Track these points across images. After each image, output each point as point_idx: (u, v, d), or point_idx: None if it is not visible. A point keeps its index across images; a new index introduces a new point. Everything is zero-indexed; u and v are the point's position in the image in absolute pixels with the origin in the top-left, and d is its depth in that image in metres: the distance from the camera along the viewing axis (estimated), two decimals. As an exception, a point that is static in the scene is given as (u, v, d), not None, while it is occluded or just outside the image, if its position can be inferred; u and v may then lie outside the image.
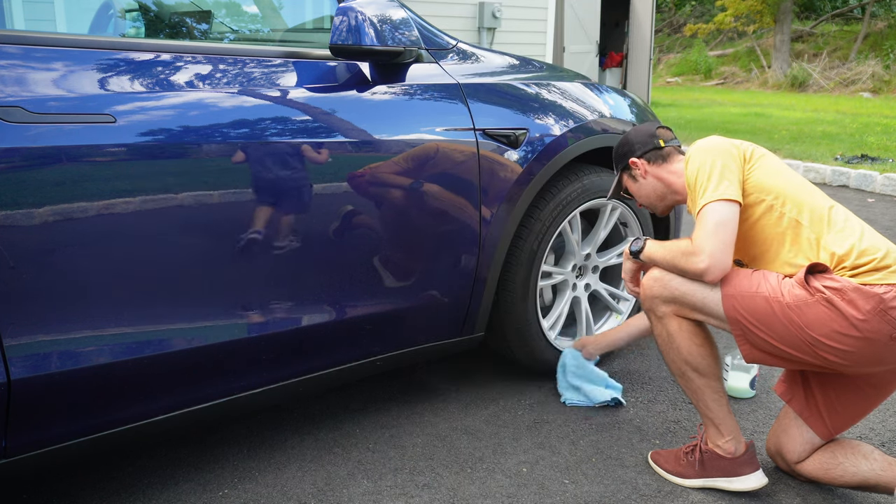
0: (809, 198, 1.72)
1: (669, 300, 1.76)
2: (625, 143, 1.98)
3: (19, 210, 1.37)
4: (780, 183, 1.73)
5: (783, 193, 1.72)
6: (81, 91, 1.47)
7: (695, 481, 1.86)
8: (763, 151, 1.82)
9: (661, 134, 1.95)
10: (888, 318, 1.56)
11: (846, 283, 1.58)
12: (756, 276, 1.68)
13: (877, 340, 1.57)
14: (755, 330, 1.66)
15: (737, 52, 18.53)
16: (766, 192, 1.72)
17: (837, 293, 1.58)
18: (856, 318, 1.56)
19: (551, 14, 8.62)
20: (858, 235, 1.65)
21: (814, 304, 1.59)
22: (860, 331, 1.56)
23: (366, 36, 1.76)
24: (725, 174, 1.70)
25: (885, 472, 1.74)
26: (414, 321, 2.03)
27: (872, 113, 10.65)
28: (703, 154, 1.76)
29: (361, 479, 1.90)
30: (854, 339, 1.57)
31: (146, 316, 1.56)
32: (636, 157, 1.94)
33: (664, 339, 1.81)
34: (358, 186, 1.81)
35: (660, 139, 1.93)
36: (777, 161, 1.82)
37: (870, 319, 1.56)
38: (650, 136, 1.94)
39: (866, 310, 1.56)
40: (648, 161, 1.93)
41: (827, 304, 1.58)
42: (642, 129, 1.98)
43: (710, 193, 1.68)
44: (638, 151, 1.94)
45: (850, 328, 1.57)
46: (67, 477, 1.88)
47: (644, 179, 1.95)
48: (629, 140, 1.97)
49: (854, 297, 1.56)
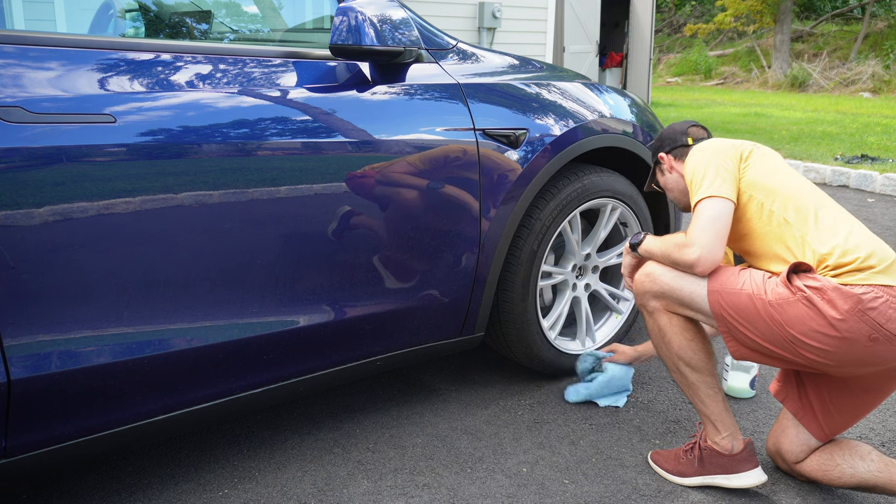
0: (800, 196, 1.74)
1: (659, 295, 1.80)
2: (658, 139, 2.08)
3: (19, 210, 1.37)
4: (773, 182, 1.76)
5: (774, 191, 1.75)
6: (81, 91, 1.47)
7: (694, 479, 1.87)
8: (763, 151, 1.85)
9: (692, 132, 2.02)
10: (866, 318, 1.56)
11: (826, 283, 1.59)
12: (743, 273, 1.71)
13: (855, 341, 1.57)
14: (739, 327, 1.69)
15: (737, 52, 18.53)
16: (758, 189, 1.76)
17: (817, 292, 1.59)
18: (834, 317, 1.57)
19: (551, 14, 8.62)
20: (844, 235, 1.66)
21: (795, 303, 1.61)
22: (838, 330, 1.57)
23: (366, 36, 1.76)
24: (720, 172, 1.75)
25: (882, 473, 1.75)
26: (414, 321, 2.03)
27: (872, 113, 10.65)
28: (700, 154, 1.82)
29: (361, 479, 1.90)
30: (832, 339, 1.58)
31: (146, 316, 1.56)
32: (664, 152, 2.02)
33: (656, 334, 1.85)
34: (358, 187, 1.81)
35: (689, 137, 2.00)
36: (775, 160, 1.84)
37: (848, 319, 1.56)
38: (681, 133, 2.02)
39: (844, 309, 1.57)
40: (674, 157, 2.01)
41: (807, 303, 1.60)
42: (676, 126, 2.06)
43: (704, 190, 1.73)
44: (667, 147, 2.03)
45: (828, 327, 1.58)
46: (67, 477, 1.88)
47: (670, 174, 2.02)
48: (662, 136, 2.06)
49: (833, 296, 1.58)
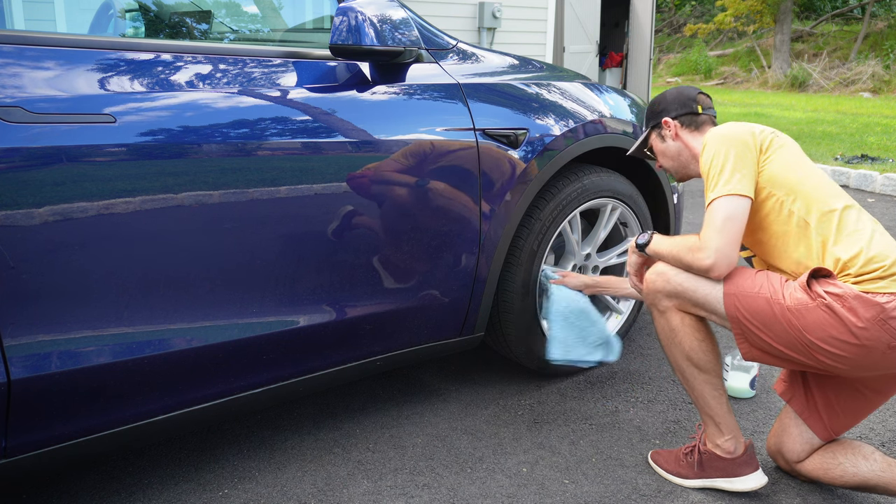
0: (822, 197, 1.67)
1: (672, 295, 1.75)
2: (661, 101, 1.96)
3: (19, 210, 1.37)
4: (795, 178, 1.69)
5: (795, 190, 1.68)
6: (81, 91, 1.47)
7: (694, 482, 1.86)
8: (783, 141, 1.77)
9: (700, 100, 1.93)
10: (888, 327, 1.54)
11: (848, 290, 1.56)
12: (760, 276, 1.67)
13: (874, 348, 1.56)
14: (755, 330, 1.66)
15: (737, 52, 18.53)
16: (778, 187, 1.69)
17: (838, 299, 1.56)
18: (855, 325, 1.55)
19: (551, 14, 8.61)
20: (867, 240, 1.61)
21: (814, 309, 1.58)
22: (858, 338, 1.55)
23: (366, 36, 1.76)
24: (739, 166, 1.67)
25: (884, 472, 1.74)
26: (414, 321, 2.02)
27: (872, 113, 10.65)
28: (718, 142, 1.72)
29: (361, 479, 1.90)
30: (851, 346, 1.56)
31: (146, 316, 1.56)
32: (671, 117, 1.93)
33: (666, 333, 1.80)
34: (358, 187, 1.81)
35: (698, 105, 1.91)
36: (795, 152, 1.76)
37: (869, 328, 1.54)
38: (690, 99, 1.93)
39: (866, 318, 1.54)
40: (681, 124, 1.92)
41: (827, 310, 1.57)
42: (683, 90, 1.96)
43: (721, 187, 1.66)
44: (673, 112, 1.93)
45: (848, 335, 1.56)
46: (67, 477, 1.88)
47: (672, 141, 1.94)
48: (666, 99, 1.95)
49: (855, 304, 1.55)
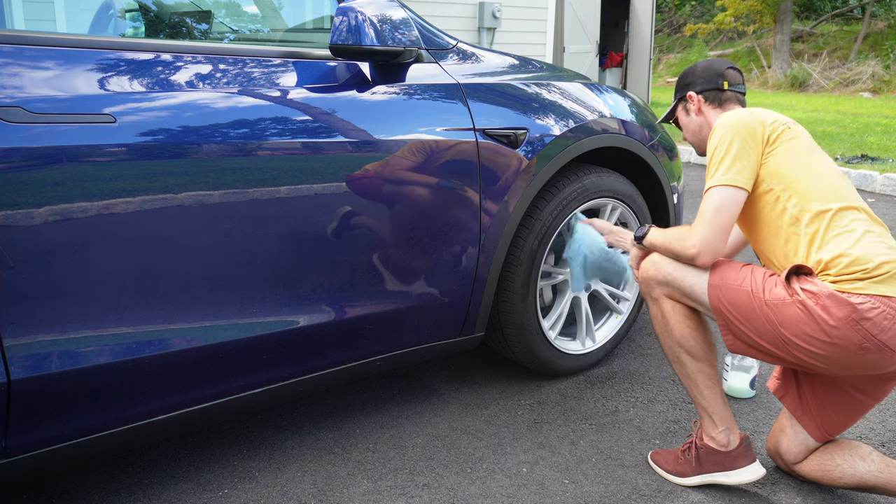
0: (818, 196, 1.66)
1: (662, 283, 1.80)
2: (689, 74, 1.95)
3: (19, 210, 1.37)
4: (795, 175, 1.69)
5: (792, 186, 1.68)
6: (81, 91, 1.47)
7: (693, 479, 1.87)
8: (795, 133, 1.74)
9: (728, 75, 1.90)
10: (859, 328, 1.55)
11: (823, 288, 1.58)
12: (744, 270, 1.71)
13: (846, 348, 1.57)
14: (736, 322, 1.69)
15: (737, 52, 18.52)
16: (777, 181, 1.69)
17: (813, 297, 1.58)
18: (827, 323, 1.56)
19: (551, 14, 8.62)
20: (853, 242, 1.60)
21: (790, 305, 1.61)
22: (830, 336, 1.57)
23: (366, 36, 1.76)
24: (739, 156, 1.68)
25: (882, 473, 1.74)
26: (414, 321, 2.02)
27: (872, 113, 10.64)
28: (725, 129, 1.72)
29: (361, 479, 1.90)
30: (824, 344, 1.58)
31: (146, 316, 1.56)
32: (695, 91, 1.92)
33: (659, 320, 1.84)
34: (358, 187, 1.81)
35: (725, 80, 1.89)
36: (806, 146, 1.73)
37: (840, 327, 1.56)
38: (717, 74, 1.90)
39: (838, 317, 1.55)
40: (705, 99, 1.91)
41: (801, 307, 1.59)
42: (713, 63, 1.94)
43: (719, 176, 1.68)
44: (698, 86, 1.91)
45: (820, 332, 1.58)
46: (67, 477, 1.88)
47: (696, 116, 1.93)
48: (695, 72, 1.94)
49: (828, 303, 1.56)
